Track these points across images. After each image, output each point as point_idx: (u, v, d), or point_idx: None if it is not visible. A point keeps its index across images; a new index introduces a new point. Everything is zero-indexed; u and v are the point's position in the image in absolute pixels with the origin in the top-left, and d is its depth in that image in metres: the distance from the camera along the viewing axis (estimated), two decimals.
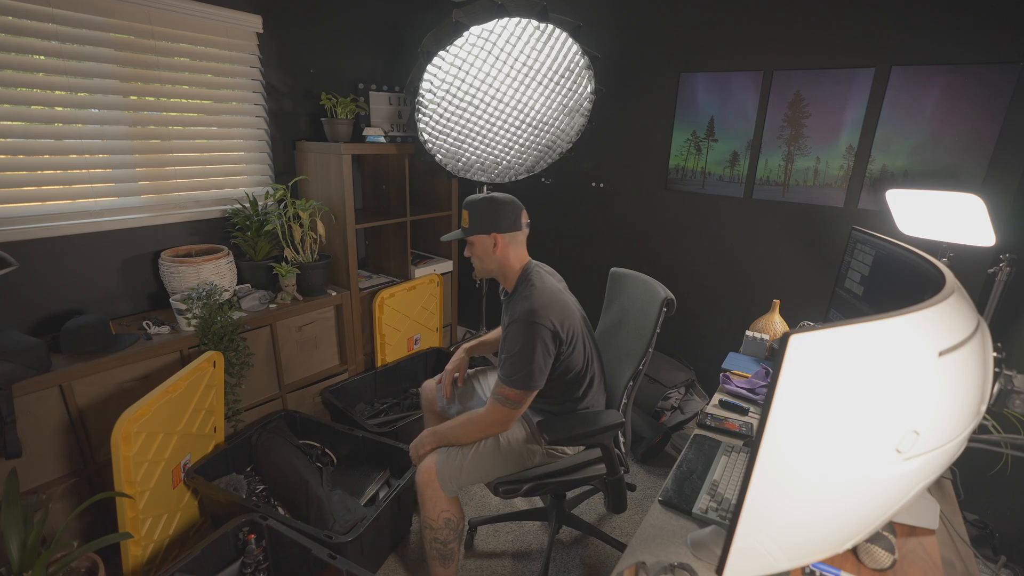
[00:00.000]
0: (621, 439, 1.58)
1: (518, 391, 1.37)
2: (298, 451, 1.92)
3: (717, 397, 1.62)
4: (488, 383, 1.82)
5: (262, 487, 1.84)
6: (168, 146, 2.11)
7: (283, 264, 2.23)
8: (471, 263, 1.56)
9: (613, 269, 1.78)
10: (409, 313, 2.72)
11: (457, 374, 1.77)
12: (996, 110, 1.91)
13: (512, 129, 2.36)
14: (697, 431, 1.43)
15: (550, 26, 2.11)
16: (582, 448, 1.58)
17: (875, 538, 0.96)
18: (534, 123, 2.38)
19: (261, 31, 2.28)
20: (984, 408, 0.73)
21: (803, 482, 0.66)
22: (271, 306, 2.17)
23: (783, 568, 0.74)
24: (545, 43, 2.16)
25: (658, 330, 1.46)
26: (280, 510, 1.75)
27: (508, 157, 2.49)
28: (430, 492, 1.45)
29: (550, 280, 1.49)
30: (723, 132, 2.46)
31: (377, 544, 1.73)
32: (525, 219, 1.50)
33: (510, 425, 1.46)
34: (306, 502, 1.69)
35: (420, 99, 2.12)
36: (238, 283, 2.21)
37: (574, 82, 2.34)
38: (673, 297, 1.46)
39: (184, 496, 1.72)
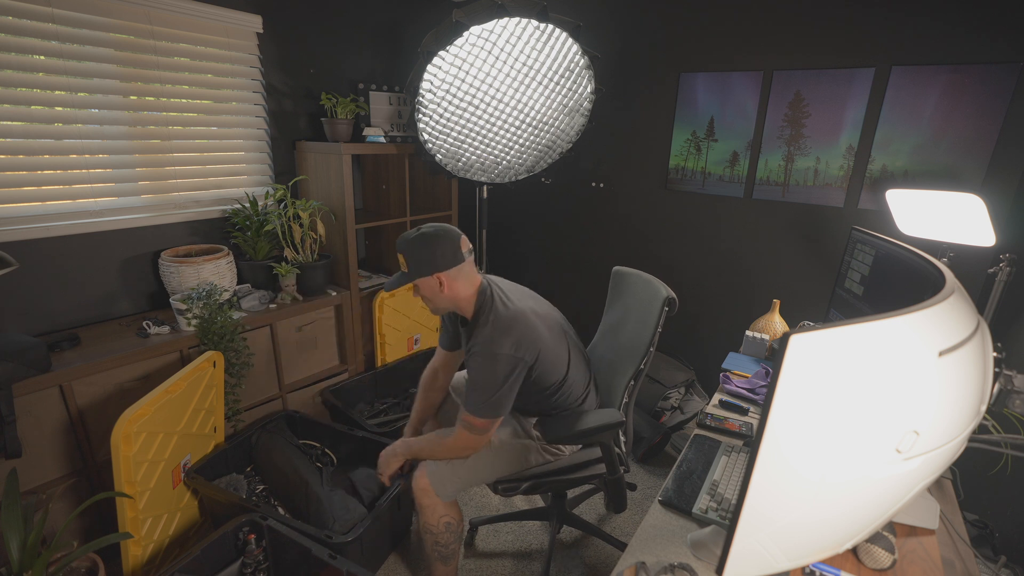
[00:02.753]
0: (622, 438, 1.58)
1: (483, 420, 1.35)
2: (298, 451, 1.92)
3: (717, 397, 1.62)
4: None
5: (262, 487, 1.84)
6: (168, 146, 2.11)
7: (283, 264, 2.23)
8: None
9: (616, 268, 1.78)
10: (409, 313, 2.72)
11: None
12: (996, 110, 1.91)
13: (512, 129, 2.36)
14: (697, 431, 1.43)
15: (550, 26, 2.10)
16: (579, 447, 1.58)
17: (875, 538, 0.96)
18: (534, 123, 2.38)
19: (261, 31, 2.28)
20: (984, 408, 0.73)
21: (803, 482, 0.66)
22: (271, 306, 2.17)
23: (783, 568, 0.74)
24: (545, 43, 2.16)
25: (660, 329, 1.46)
26: (280, 510, 1.75)
27: (508, 157, 2.49)
28: (427, 500, 1.46)
29: (509, 301, 1.41)
30: (723, 132, 2.46)
31: (377, 544, 1.73)
32: (466, 247, 1.40)
33: (478, 449, 1.43)
34: (306, 502, 1.69)
35: (420, 99, 2.12)
36: (238, 283, 2.21)
37: (574, 82, 2.34)
38: (675, 296, 1.46)
39: (184, 496, 1.72)
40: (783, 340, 0.59)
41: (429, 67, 2.04)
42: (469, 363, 1.36)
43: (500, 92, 2.22)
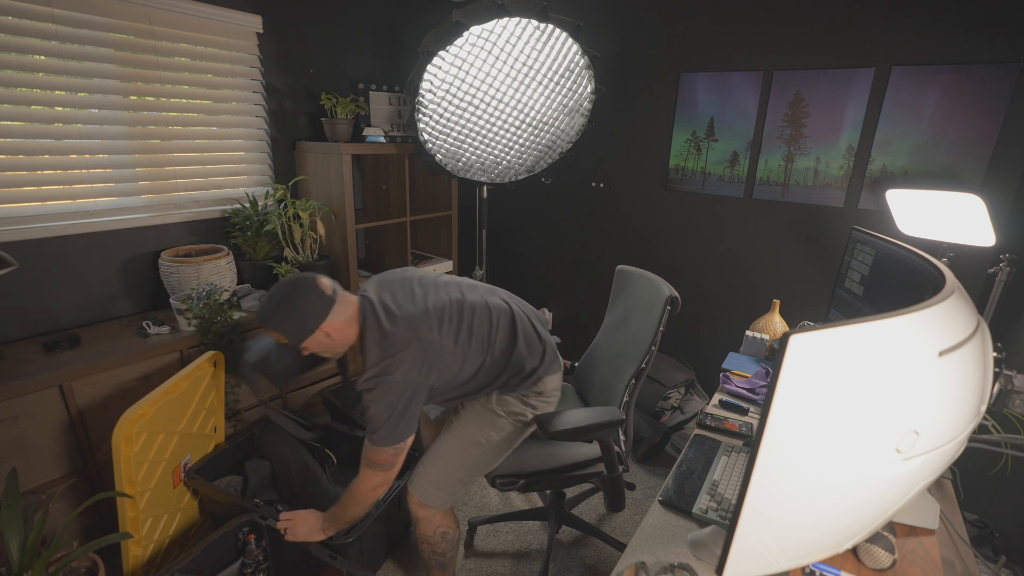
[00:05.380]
0: (621, 437, 1.58)
1: (383, 450, 1.26)
2: (302, 445, 1.93)
3: (717, 397, 1.62)
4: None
5: (262, 497, 1.82)
6: (168, 146, 2.11)
7: (283, 264, 2.23)
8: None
9: (619, 267, 1.78)
10: None
11: None
12: (996, 110, 1.91)
13: (512, 129, 2.36)
14: (697, 431, 1.43)
15: (550, 26, 2.10)
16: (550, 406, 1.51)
17: (875, 538, 0.96)
18: (534, 123, 2.38)
19: (261, 31, 2.28)
20: (984, 408, 0.73)
21: (803, 482, 0.66)
22: None
23: (783, 568, 0.74)
24: (545, 43, 2.16)
25: (662, 328, 1.46)
26: (278, 506, 1.74)
27: (508, 157, 2.49)
28: (423, 512, 1.44)
29: (389, 315, 1.28)
30: (723, 132, 2.46)
31: (377, 544, 1.73)
32: (328, 287, 1.27)
33: (389, 484, 1.33)
34: (313, 493, 1.69)
35: (420, 99, 2.12)
36: (238, 283, 2.21)
37: (574, 82, 2.34)
38: (678, 295, 1.46)
39: (184, 496, 1.72)
40: (783, 340, 0.59)
41: (429, 67, 2.04)
42: (363, 397, 1.26)
43: (500, 92, 2.22)
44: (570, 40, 2.19)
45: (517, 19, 2.04)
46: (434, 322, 1.29)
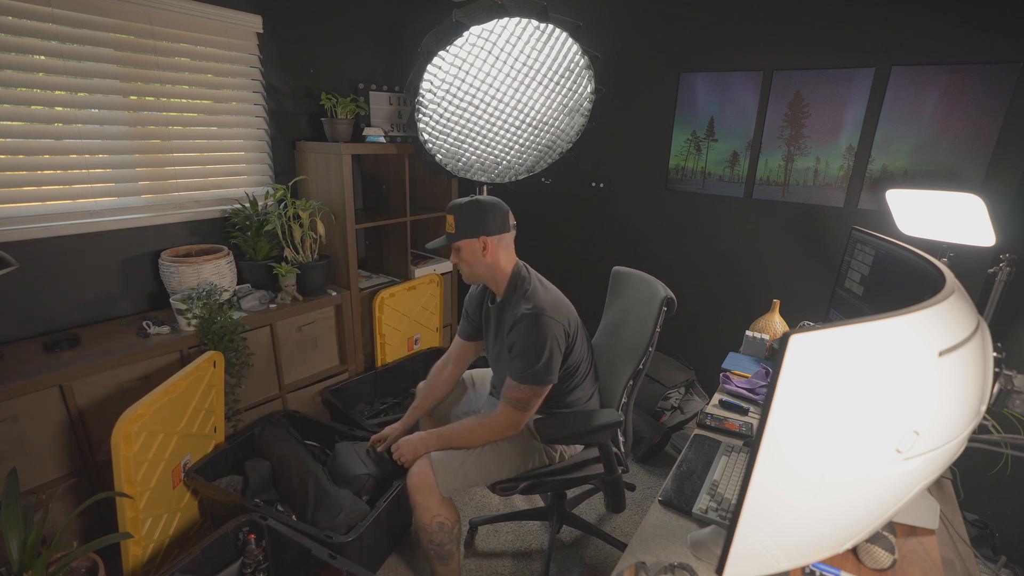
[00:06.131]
0: (620, 438, 1.58)
1: (530, 388, 1.37)
2: (302, 445, 1.93)
3: (717, 397, 1.62)
4: (483, 383, 1.81)
5: (261, 497, 1.83)
6: (168, 146, 2.11)
7: (283, 264, 2.23)
8: (459, 269, 1.52)
9: (615, 268, 1.78)
10: (409, 313, 2.72)
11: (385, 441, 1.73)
12: (996, 110, 1.91)
13: (512, 129, 2.36)
14: (697, 431, 1.43)
15: (550, 26, 2.10)
16: (581, 448, 1.58)
17: (875, 538, 0.96)
18: (534, 123, 2.38)
19: (261, 31, 2.28)
20: (984, 408, 0.73)
21: (803, 482, 0.66)
22: (271, 306, 2.17)
23: (783, 568, 0.74)
24: (545, 43, 2.16)
25: (659, 329, 1.46)
26: (279, 506, 1.74)
27: (508, 157, 2.49)
28: (421, 498, 1.41)
29: (544, 283, 1.51)
30: (723, 132, 2.46)
31: (377, 544, 1.74)
32: (512, 220, 1.49)
33: (520, 428, 1.43)
34: (313, 492, 1.69)
35: (420, 99, 2.12)
36: (238, 283, 2.21)
37: (574, 82, 2.34)
38: (673, 296, 1.46)
39: (184, 496, 1.72)
40: (783, 340, 0.59)
41: (429, 67, 2.04)
42: (512, 333, 1.38)
43: (500, 92, 2.22)
44: (570, 40, 2.19)
45: (517, 19, 2.04)
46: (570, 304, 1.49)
